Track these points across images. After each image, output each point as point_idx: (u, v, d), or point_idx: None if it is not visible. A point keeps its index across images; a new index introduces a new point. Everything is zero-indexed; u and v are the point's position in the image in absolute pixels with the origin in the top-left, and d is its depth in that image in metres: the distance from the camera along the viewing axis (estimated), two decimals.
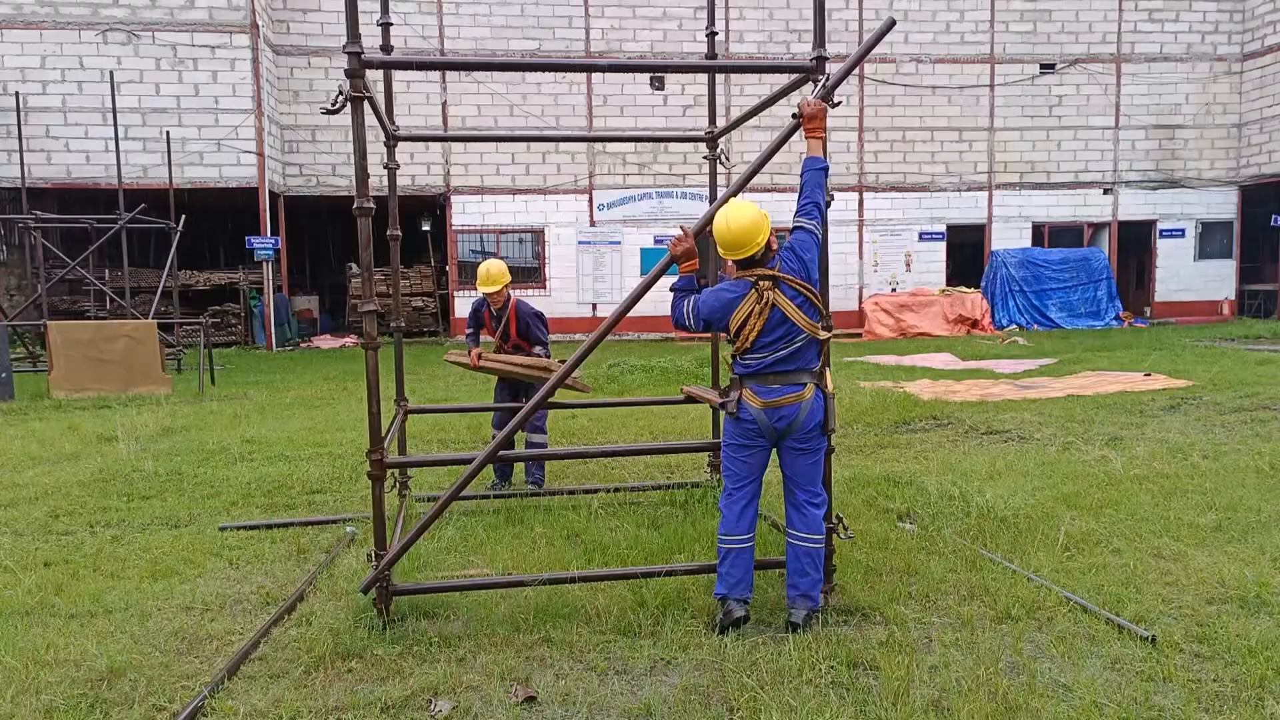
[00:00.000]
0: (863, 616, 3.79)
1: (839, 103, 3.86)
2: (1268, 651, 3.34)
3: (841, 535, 4.03)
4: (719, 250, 3.79)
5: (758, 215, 3.72)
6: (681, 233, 3.87)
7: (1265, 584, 4.01)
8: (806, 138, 3.80)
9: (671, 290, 3.97)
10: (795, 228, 3.78)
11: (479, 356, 6.21)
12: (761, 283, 3.70)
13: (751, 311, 3.69)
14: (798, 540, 3.79)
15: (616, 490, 5.97)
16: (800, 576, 3.76)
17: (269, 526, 5.37)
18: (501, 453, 3.98)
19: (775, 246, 3.81)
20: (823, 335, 3.77)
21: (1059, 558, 4.45)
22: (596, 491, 5.92)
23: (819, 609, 3.79)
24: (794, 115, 3.85)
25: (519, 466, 6.51)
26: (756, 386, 3.75)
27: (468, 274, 21.79)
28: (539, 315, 6.36)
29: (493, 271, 6.15)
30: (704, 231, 3.91)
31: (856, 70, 21.75)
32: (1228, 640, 3.46)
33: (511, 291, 6.35)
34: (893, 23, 3.79)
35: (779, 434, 3.76)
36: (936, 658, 3.36)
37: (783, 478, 3.86)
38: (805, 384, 3.73)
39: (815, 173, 3.77)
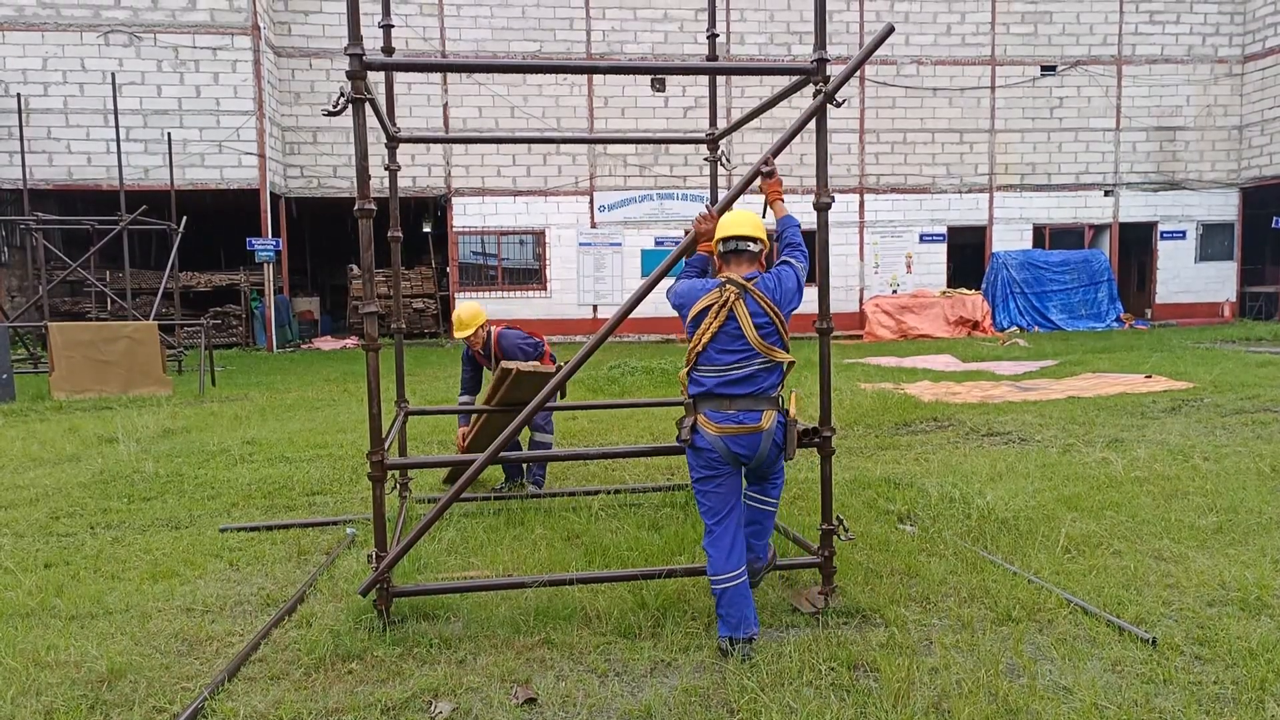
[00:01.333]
0: (863, 618, 3.79)
1: (842, 102, 3.86)
2: (1268, 654, 3.34)
3: (842, 537, 4.03)
4: (723, 235, 3.76)
5: (758, 222, 3.77)
6: (706, 211, 3.90)
7: (1266, 586, 4.00)
8: (770, 203, 3.86)
9: (685, 264, 3.99)
10: (782, 262, 3.72)
11: (464, 438, 6.02)
12: (729, 286, 3.57)
13: (710, 307, 3.56)
14: (762, 504, 3.84)
15: (617, 492, 5.97)
16: (758, 538, 3.85)
17: (269, 528, 5.37)
18: (503, 454, 3.98)
19: (765, 265, 3.77)
20: (781, 357, 3.56)
21: (1060, 560, 4.45)
22: (597, 493, 5.91)
23: (771, 559, 3.91)
24: (761, 173, 3.87)
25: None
26: (711, 412, 3.54)
27: (469, 275, 21.81)
28: (524, 342, 6.20)
29: (463, 316, 6.05)
30: (728, 207, 3.92)
31: (858, 72, 21.78)
32: (1228, 642, 3.45)
33: (491, 327, 6.22)
34: (891, 29, 3.79)
35: (742, 461, 3.56)
36: (937, 659, 3.36)
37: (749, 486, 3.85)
38: (763, 411, 3.52)
39: (794, 228, 3.83)
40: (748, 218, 3.75)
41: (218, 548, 5.00)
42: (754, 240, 3.68)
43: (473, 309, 6.14)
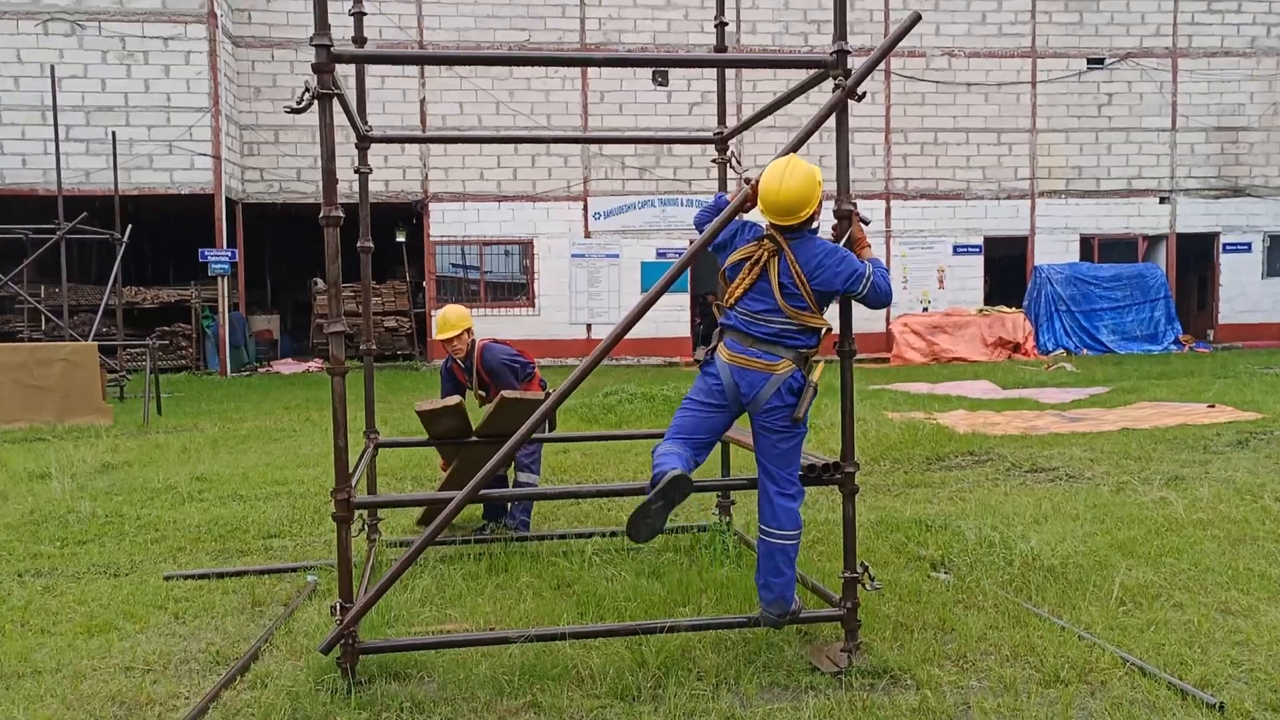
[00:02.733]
0: (892, 679, 3.76)
1: (863, 95, 3.90)
2: None
3: (867, 586, 4.01)
4: (760, 207, 3.92)
5: (812, 181, 3.87)
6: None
7: None
8: (857, 251, 4.04)
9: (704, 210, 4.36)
10: (856, 251, 4.00)
11: (446, 467, 6.05)
12: (767, 241, 3.91)
13: (746, 261, 3.94)
14: (769, 536, 3.95)
15: (613, 534, 5.93)
16: (773, 575, 3.93)
17: (220, 575, 5.33)
18: (484, 491, 3.97)
19: (819, 217, 3.95)
20: (812, 322, 3.89)
21: (1114, 612, 4.42)
22: (591, 535, 5.88)
23: (795, 610, 3.95)
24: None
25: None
26: (732, 342, 3.95)
27: (448, 290, 21.87)
28: (512, 360, 6.17)
29: (450, 317, 6.06)
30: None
31: (882, 65, 21.94)
32: None
33: (475, 338, 6.22)
34: (918, 17, 3.83)
35: (742, 402, 3.93)
36: None
37: (756, 465, 4.03)
38: (781, 359, 3.87)
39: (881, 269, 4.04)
40: (791, 197, 3.83)
41: (161, 598, 4.96)
42: (800, 219, 3.88)
43: (461, 311, 6.16)
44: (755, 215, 4.06)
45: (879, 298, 3.94)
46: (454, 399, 5.74)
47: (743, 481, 4.44)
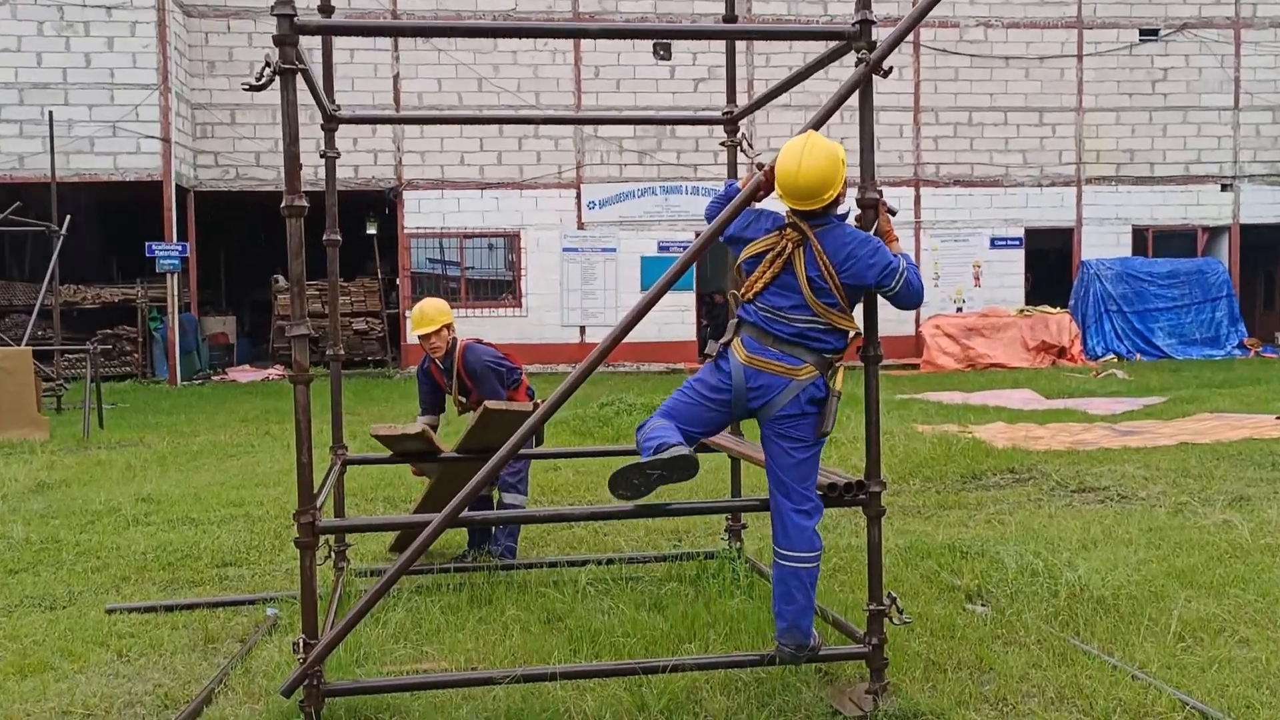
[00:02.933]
0: None
1: (889, 70, 3.91)
2: None
3: (895, 620, 4.00)
4: (778, 191, 3.92)
5: (834, 160, 3.86)
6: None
7: None
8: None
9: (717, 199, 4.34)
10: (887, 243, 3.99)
11: (418, 473, 6.09)
12: (789, 230, 3.89)
13: (765, 255, 3.92)
14: (783, 558, 3.95)
15: (610, 562, 5.92)
16: (786, 603, 3.92)
17: (169, 608, 5.32)
18: (464, 514, 3.97)
19: (844, 199, 3.97)
20: (842, 322, 3.90)
21: (1171, 650, 4.41)
22: (585, 563, 5.88)
23: (814, 645, 3.94)
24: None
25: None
26: (749, 340, 3.95)
27: (424, 288, 21.85)
28: (497, 364, 6.16)
29: (428, 310, 6.04)
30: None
31: (911, 37, 21.98)
32: None
33: (456, 336, 6.20)
34: None
35: (748, 408, 3.93)
36: None
37: (768, 481, 4.02)
38: (804, 363, 3.87)
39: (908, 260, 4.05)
40: (811, 179, 3.82)
41: (103, 633, 4.95)
42: (822, 202, 3.87)
43: (440, 305, 6.14)
44: (770, 204, 4.07)
45: (911, 296, 3.93)
46: (416, 426, 5.70)
47: (755, 503, 4.44)
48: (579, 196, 22.23)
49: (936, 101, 22.94)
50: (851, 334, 3.99)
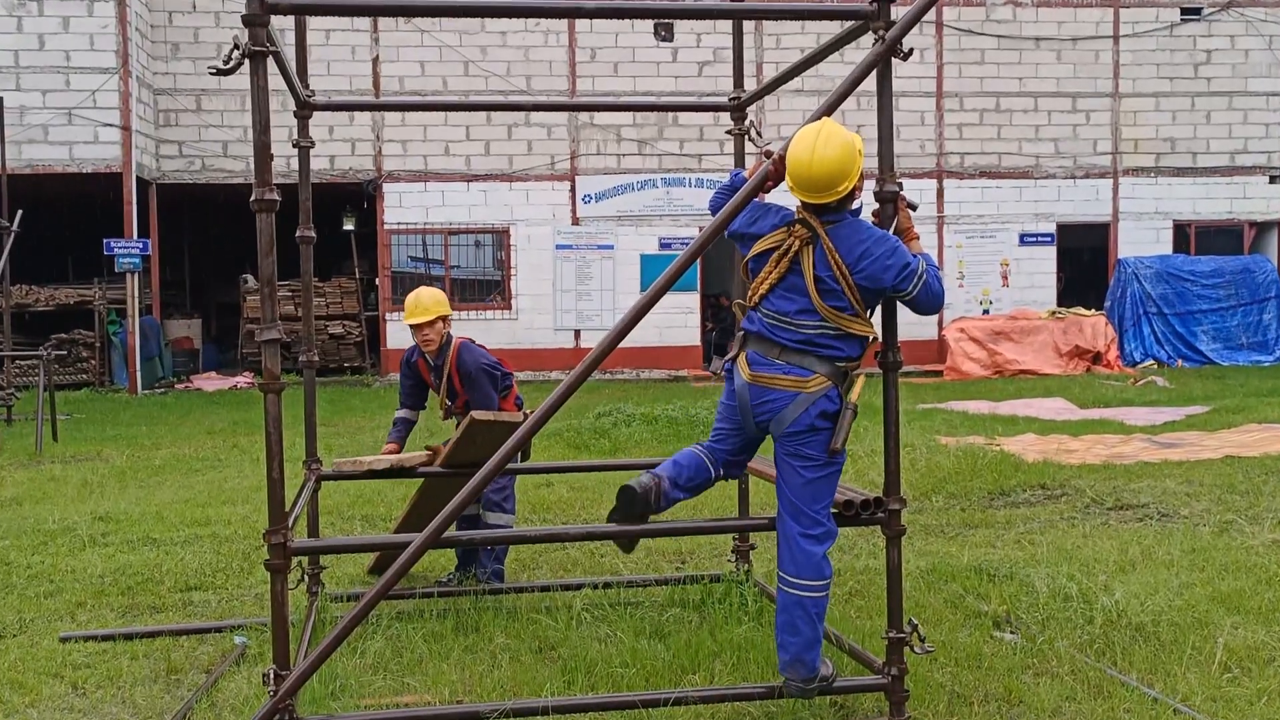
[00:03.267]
0: None
1: (909, 52, 3.91)
2: None
3: (916, 649, 4.00)
4: (788, 182, 3.91)
5: (850, 149, 3.87)
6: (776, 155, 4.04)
7: None
8: (904, 244, 4.05)
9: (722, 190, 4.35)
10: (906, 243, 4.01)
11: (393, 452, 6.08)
12: (799, 227, 3.91)
13: (771, 252, 3.97)
14: (787, 585, 3.94)
15: (607, 585, 5.95)
16: (789, 634, 3.91)
17: (128, 636, 5.31)
18: (448, 534, 3.97)
19: (860, 193, 3.99)
20: (855, 328, 3.91)
21: (1216, 681, 4.41)
22: (580, 587, 5.89)
23: (826, 676, 3.94)
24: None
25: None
26: (755, 354, 4.01)
27: (406, 289, 21.82)
28: (493, 366, 6.17)
29: (424, 299, 6.05)
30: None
31: (933, 16, 22.02)
32: None
33: (452, 332, 6.23)
34: None
35: (756, 424, 4.01)
36: None
37: (776, 496, 4.06)
38: (814, 374, 3.89)
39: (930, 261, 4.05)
40: (825, 170, 3.82)
41: (57, 664, 4.94)
42: (838, 195, 3.88)
43: (437, 295, 6.16)
44: (779, 196, 4.07)
45: (930, 300, 3.93)
46: (384, 461, 5.69)
47: (763, 521, 4.44)
48: (573, 189, 22.24)
49: (961, 86, 22.96)
50: (869, 339, 3.98)
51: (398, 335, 21.19)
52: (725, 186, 4.33)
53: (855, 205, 4.02)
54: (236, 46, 3.67)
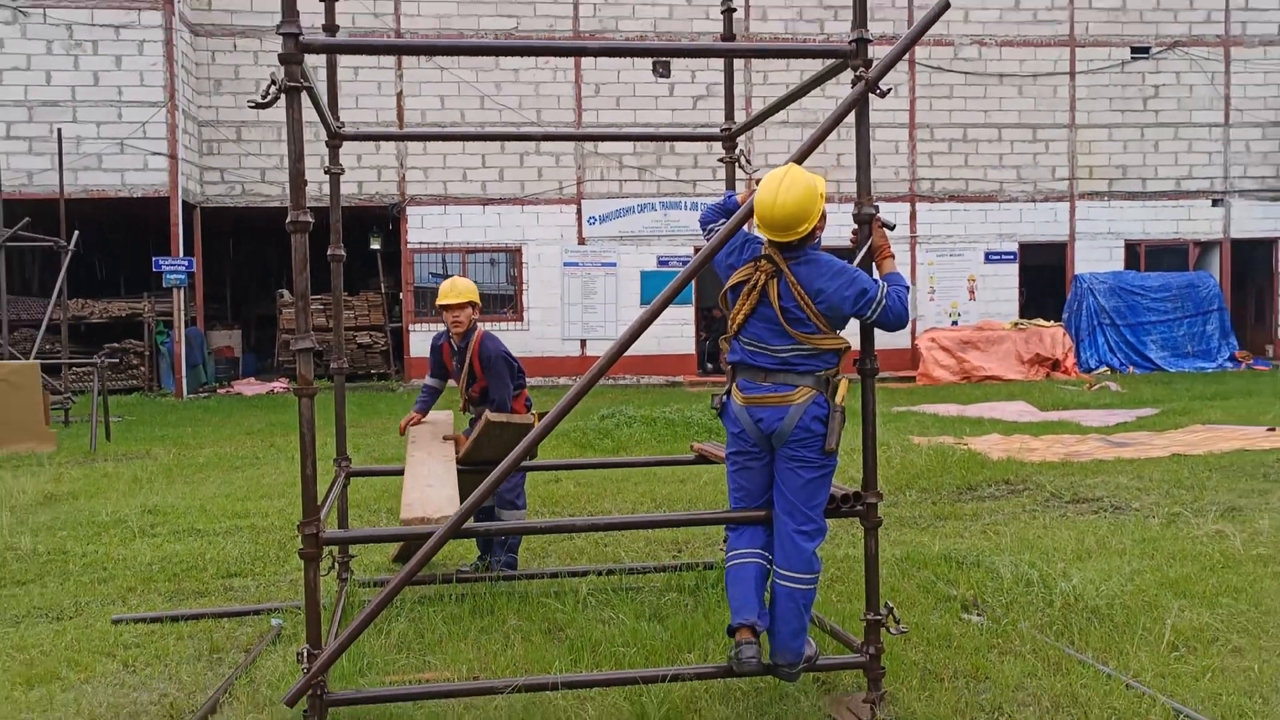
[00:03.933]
0: None
1: (887, 92, 3.92)
2: None
3: (891, 630, 4.01)
4: (756, 222, 3.94)
5: (812, 194, 3.88)
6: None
7: None
8: (878, 262, 4.07)
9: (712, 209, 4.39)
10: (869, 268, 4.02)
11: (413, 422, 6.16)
12: (764, 262, 3.94)
13: (744, 285, 3.98)
14: (780, 577, 3.97)
15: (610, 572, 5.94)
16: (780, 622, 3.93)
17: (174, 619, 5.32)
18: (467, 525, 3.97)
19: (821, 231, 4.00)
20: (826, 344, 3.91)
21: (1165, 659, 4.42)
22: (585, 574, 5.89)
23: (807, 657, 3.94)
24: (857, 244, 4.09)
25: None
26: (744, 381, 4.02)
27: (427, 302, 21.87)
28: (511, 357, 6.21)
29: (459, 285, 6.13)
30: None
31: (906, 55, 22.01)
32: None
33: (479, 323, 6.28)
34: (947, 3, 3.86)
35: (767, 439, 3.97)
36: None
37: (775, 501, 4.02)
38: (797, 387, 3.90)
39: (898, 278, 4.03)
40: (787, 213, 3.83)
41: (110, 644, 4.95)
42: (799, 235, 3.89)
43: (470, 285, 6.20)
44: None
45: (890, 321, 3.94)
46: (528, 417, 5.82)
47: (755, 513, 4.43)
48: (579, 212, 22.27)
49: (932, 118, 23.00)
50: (844, 349, 3.99)
51: (420, 344, 21.20)
52: (717, 205, 4.34)
53: (815, 242, 4.02)
54: (274, 82, 3.68)
